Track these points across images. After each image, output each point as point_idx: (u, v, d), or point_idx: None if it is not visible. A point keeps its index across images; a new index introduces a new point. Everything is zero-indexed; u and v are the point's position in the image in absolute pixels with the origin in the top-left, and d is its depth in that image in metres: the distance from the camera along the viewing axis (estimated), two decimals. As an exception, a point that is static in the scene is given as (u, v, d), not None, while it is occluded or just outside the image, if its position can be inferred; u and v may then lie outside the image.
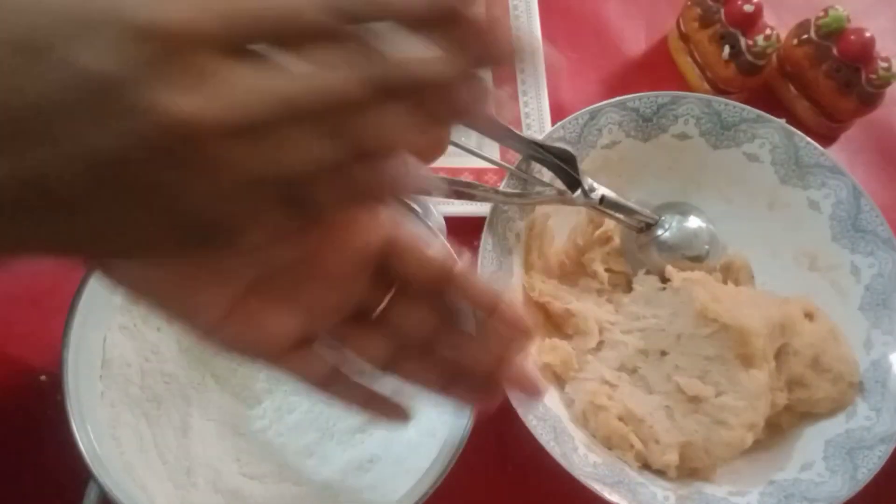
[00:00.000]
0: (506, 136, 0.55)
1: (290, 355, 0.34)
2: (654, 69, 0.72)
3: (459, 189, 0.53)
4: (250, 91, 0.24)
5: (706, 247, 0.60)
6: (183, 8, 0.23)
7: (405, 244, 0.34)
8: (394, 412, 0.38)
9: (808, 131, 0.63)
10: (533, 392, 0.38)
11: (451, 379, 0.36)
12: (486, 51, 0.27)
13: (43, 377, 0.50)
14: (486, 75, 0.29)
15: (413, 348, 0.36)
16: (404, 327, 0.35)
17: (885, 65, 0.67)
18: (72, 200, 0.24)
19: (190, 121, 0.23)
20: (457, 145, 0.53)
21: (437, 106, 0.27)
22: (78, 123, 0.22)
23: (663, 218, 0.60)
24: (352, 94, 0.25)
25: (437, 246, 0.37)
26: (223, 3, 0.24)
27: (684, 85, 0.71)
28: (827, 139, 0.71)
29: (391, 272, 0.35)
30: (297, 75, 0.25)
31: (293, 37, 0.25)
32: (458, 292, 0.35)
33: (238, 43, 0.24)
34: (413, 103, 0.27)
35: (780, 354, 0.57)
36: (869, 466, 0.53)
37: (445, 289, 0.35)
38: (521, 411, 0.50)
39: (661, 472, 0.54)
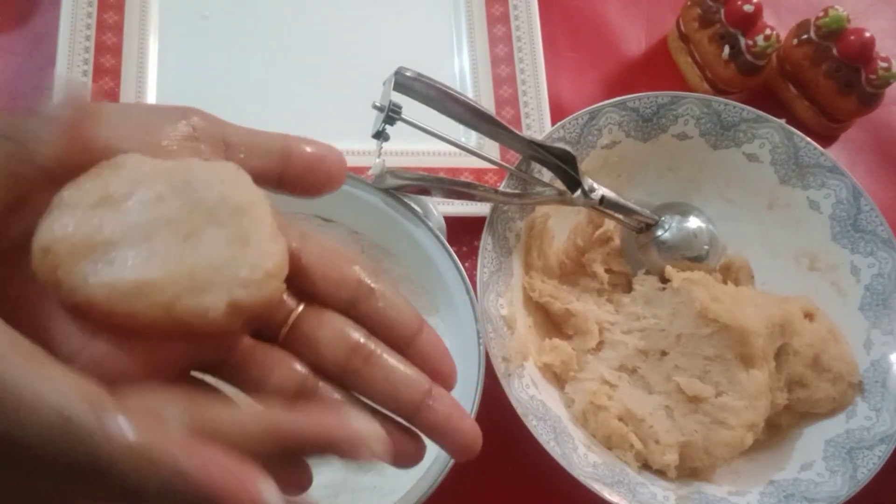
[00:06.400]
0: (506, 136, 0.55)
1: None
2: (654, 69, 0.72)
3: (459, 189, 0.53)
4: None
5: (706, 247, 0.60)
6: None
7: (312, 256, 0.31)
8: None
9: (808, 131, 0.63)
10: (462, 450, 0.31)
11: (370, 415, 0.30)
12: None
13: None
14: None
15: (327, 372, 0.31)
16: (318, 345, 0.31)
17: (884, 65, 0.67)
18: None
19: None
20: (457, 145, 0.53)
21: None
22: None
23: (663, 218, 0.60)
24: None
25: (350, 262, 0.32)
26: None
27: (684, 85, 0.71)
28: (827, 139, 0.71)
29: (299, 287, 0.31)
30: None
31: None
32: (371, 315, 0.31)
33: None
34: None
35: (780, 354, 0.57)
36: (869, 466, 0.53)
37: (356, 309, 0.31)
38: (520, 411, 0.50)
39: (660, 472, 0.54)
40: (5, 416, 0.24)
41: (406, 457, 0.31)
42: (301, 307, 0.31)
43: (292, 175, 0.32)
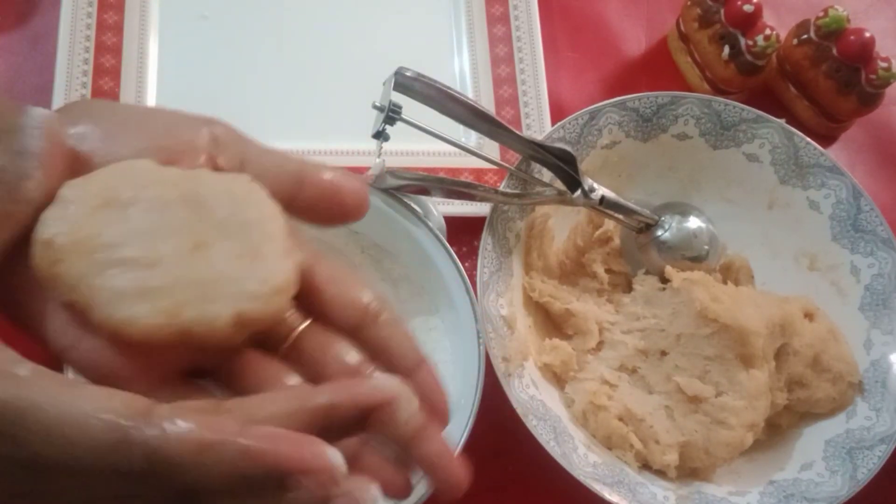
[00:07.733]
0: (506, 136, 0.55)
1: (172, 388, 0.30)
2: (654, 69, 0.72)
3: (459, 189, 0.53)
4: None
5: (706, 247, 0.60)
6: None
7: (324, 276, 0.31)
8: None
9: (808, 131, 0.63)
10: (448, 487, 0.30)
11: (363, 445, 0.30)
12: None
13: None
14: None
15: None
16: (316, 363, 0.30)
17: (884, 65, 0.67)
18: None
19: None
20: (457, 145, 0.53)
21: None
22: None
23: (663, 218, 0.60)
24: None
25: (360, 287, 0.32)
26: None
27: (684, 85, 0.71)
28: (827, 139, 0.71)
29: (307, 304, 0.31)
30: None
31: None
32: (374, 342, 0.31)
33: None
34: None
35: (780, 354, 0.57)
36: (869, 466, 0.53)
37: (360, 334, 0.31)
38: (520, 411, 0.50)
39: (660, 472, 0.54)
40: (54, 440, 0.24)
41: (397, 489, 0.30)
42: (305, 324, 0.31)
43: (303, 201, 0.32)
